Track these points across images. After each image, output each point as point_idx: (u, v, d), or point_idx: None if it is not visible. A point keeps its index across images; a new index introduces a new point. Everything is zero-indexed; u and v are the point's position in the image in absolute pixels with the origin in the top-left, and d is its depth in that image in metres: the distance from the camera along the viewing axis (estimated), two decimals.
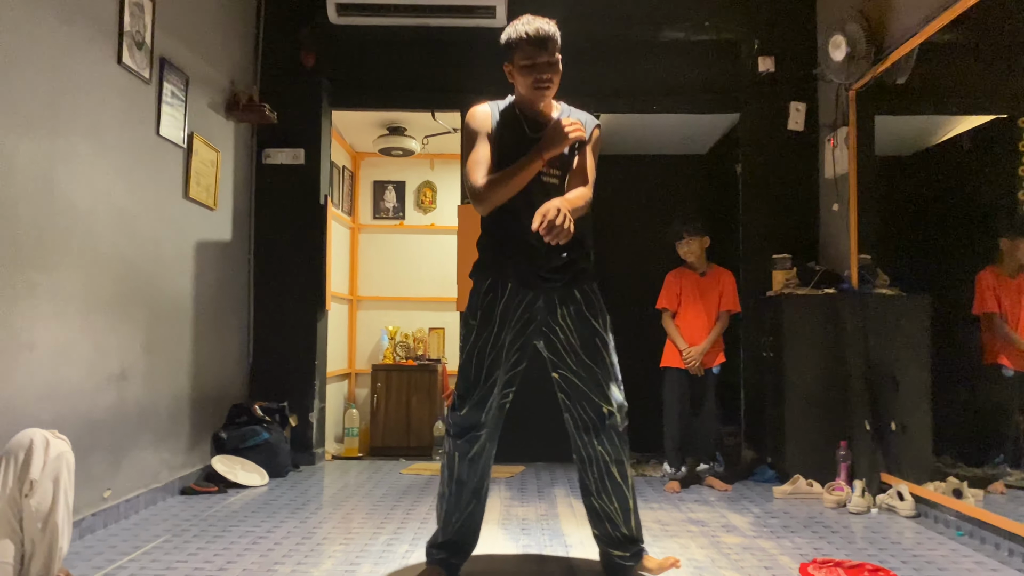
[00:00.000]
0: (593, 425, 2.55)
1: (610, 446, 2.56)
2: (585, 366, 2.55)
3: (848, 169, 4.41)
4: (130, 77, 3.51)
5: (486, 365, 2.53)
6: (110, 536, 3.14)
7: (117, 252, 3.42)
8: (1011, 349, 3.47)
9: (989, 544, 3.05)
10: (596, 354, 2.56)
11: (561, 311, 2.57)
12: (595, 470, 2.58)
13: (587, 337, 2.56)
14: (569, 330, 2.57)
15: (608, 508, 2.59)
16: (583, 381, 2.56)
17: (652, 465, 4.87)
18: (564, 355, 2.58)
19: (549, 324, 2.59)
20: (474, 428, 2.55)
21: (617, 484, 2.58)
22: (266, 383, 4.88)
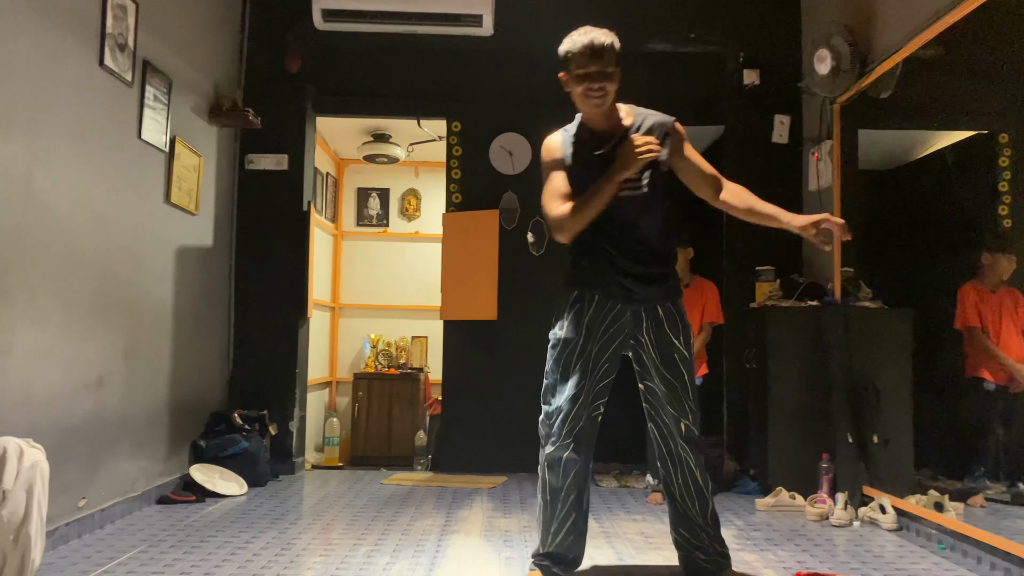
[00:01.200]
0: (679, 434, 2.63)
1: (693, 455, 2.65)
2: (665, 381, 2.61)
3: (832, 182, 4.44)
4: (112, 80, 3.47)
5: (573, 375, 2.55)
6: (84, 546, 3.08)
7: (96, 257, 3.37)
8: (992, 363, 3.49)
9: (971, 558, 3.06)
10: (675, 370, 2.61)
11: (646, 324, 2.62)
12: (679, 476, 2.66)
13: (667, 354, 2.61)
14: (651, 344, 2.62)
15: (691, 511, 2.66)
16: (664, 396, 2.63)
17: (635, 476, 4.85)
18: (647, 368, 2.64)
19: (636, 337, 2.64)
20: (564, 437, 2.55)
21: (700, 488, 2.66)
22: (246, 391, 4.82)
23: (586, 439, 2.60)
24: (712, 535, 2.69)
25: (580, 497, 2.62)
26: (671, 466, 2.67)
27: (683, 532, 2.71)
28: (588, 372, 2.56)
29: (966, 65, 3.68)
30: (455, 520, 3.67)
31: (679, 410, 2.61)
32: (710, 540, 2.68)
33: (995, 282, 3.52)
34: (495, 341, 5.07)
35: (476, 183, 5.16)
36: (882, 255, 4.28)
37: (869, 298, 4.17)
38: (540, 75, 5.16)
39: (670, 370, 2.61)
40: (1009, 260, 3.48)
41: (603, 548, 3.20)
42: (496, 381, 5.04)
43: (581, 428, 2.56)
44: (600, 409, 2.65)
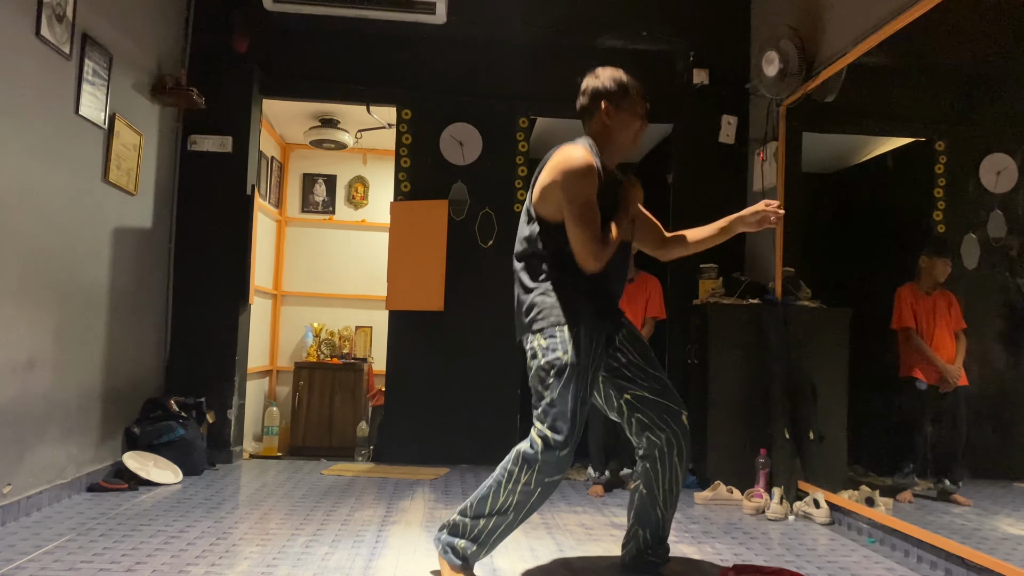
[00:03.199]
0: (676, 439, 2.63)
1: (685, 456, 2.66)
2: (654, 378, 2.65)
3: (776, 183, 4.52)
4: (48, 51, 3.34)
5: (581, 404, 2.50)
6: (9, 535, 2.97)
7: (28, 234, 3.24)
8: (925, 363, 3.61)
9: (899, 551, 3.15)
10: (657, 366, 2.68)
11: (618, 338, 2.66)
12: (666, 480, 2.67)
13: (645, 353, 2.68)
14: (629, 351, 2.66)
15: (667, 514, 2.71)
16: (658, 394, 2.63)
17: (576, 469, 4.88)
18: (631, 375, 2.64)
19: (610, 353, 2.65)
20: (563, 471, 2.51)
21: (679, 492, 2.72)
22: (183, 377, 4.70)
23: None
24: (665, 535, 2.76)
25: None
26: (663, 469, 2.65)
27: (647, 533, 2.73)
28: (588, 399, 2.54)
29: (907, 73, 3.79)
30: (396, 511, 3.64)
31: (677, 403, 2.65)
32: (662, 540, 2.75)
33: (931, 285, 3.64)
34: (441, 332, 5.04)
35: (425, 172, 5.12)
36: (822, 256, 4.38)
37: (809, 297, 4.27)
38: (493, 66, 5.16)
39: (654, 365, 2.67)
40: (945, 264, 3.61)
41: (544, 539, 3.21)
42: (441, 373, 5.01)
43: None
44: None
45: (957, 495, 3.41)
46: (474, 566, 2.60)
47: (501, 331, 4.89)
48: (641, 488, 2.72)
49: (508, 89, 5.15)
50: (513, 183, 5.12)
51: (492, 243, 5.04)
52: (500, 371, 5.00)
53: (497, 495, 2.52)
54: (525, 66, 5.10)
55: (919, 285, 3.67)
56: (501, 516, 2.53)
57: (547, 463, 2.45)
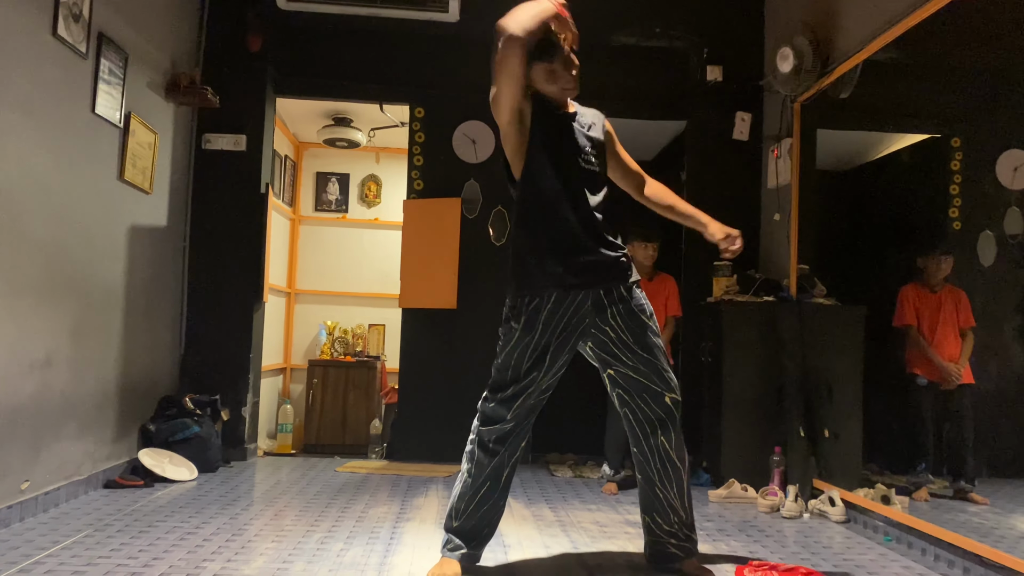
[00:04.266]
0: (657, 418, 2.61)
1: (673, 435, 2.63)
2: (642, 359, 2.59)
3: (790, 180, 4.50)
4: (65, 50, 3.36)
5: (524, 367, 2.56)
6: (27, 530, 3.00)
7: (45, 233, 3.27)
8: (924, 360, 3.62)
9: (916, 549, 3.13)
10: (651, 346, 2.61)
11: (611, 310, 2.59)
12: (656, 460, 2.64)
13: (639, 332, 2.60)
14: (620, 327, 2.59)
15: (669, 494, 2.66)
16: (642, 375, 2.60)
17: (590, 466, 4.88)
18: (618, 352, 2.61)
19: (598, 324, 2.60)
20: (501, 420, 2.59)
21: (678, 469, 2.66)
22: (198, 375, 4.73)
23: (523, 424, 2.63)
24: (684, 520, 2.70)
25: (501, 473, 2.63)
26: (649, 450, 2.64)
27: (657, 518, 2.70)
28: (542, 366, 2.56)
29: (922, 69, 3.76)
30: (410, 508, 3.65)
31: (663, 385, 2.60)
32: (681, 525, 2.70)
33: (937, 282, 3.63)
34: (454, 330, 5.05)
35: (438, 171, 5.12)
36: (837, 253, 4.36)
37: (823, 295, 4.25)
38: None
39: (645, 347, 2.59)
40: (945, 260, 3.61)
41: (558, 537, 3.21)
42: (454, 370, 5.01)
43: (518, 413, 2.59)
44: (544, 399, 2.66)
45: (974, 494, 3.39)
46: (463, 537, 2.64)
47: None
48: (637, 475, 2.73)
49: None
50: None
51: (505, 241, 5.04)
52: None
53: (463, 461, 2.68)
54: None
55: (924, 283, 3.66)
56: (461, 480, 2.65)
57: (480, 413, 2.63)
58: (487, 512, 2.65)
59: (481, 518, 2.65)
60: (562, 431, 5.24)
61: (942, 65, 3.64)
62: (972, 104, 3.54)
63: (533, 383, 2.58)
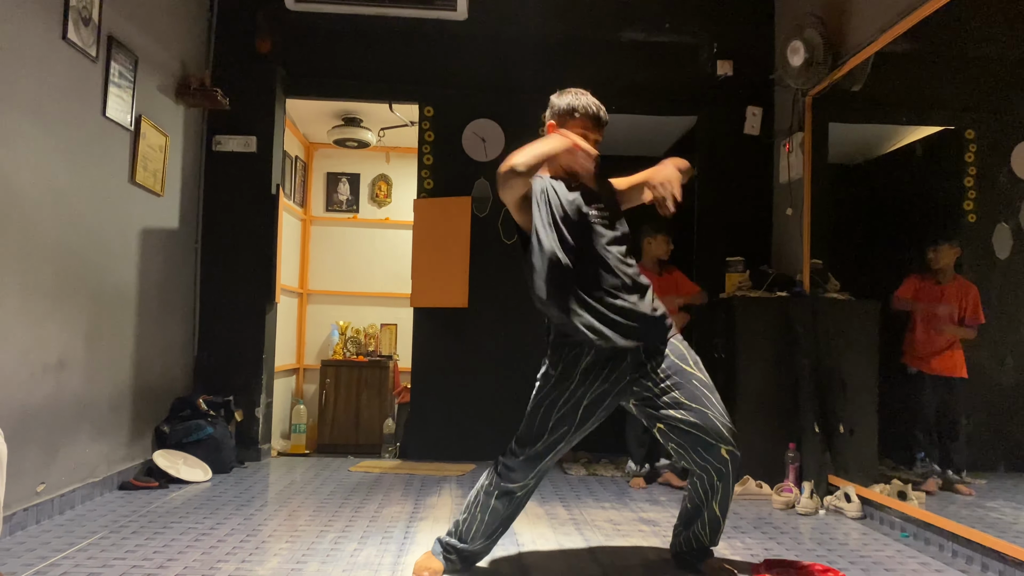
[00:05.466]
0: (714, 469, 2.51)
1: (724, 488, 2.56)
2: (690, 409, 2.49)
3: (802, 174, 4.47)
4: (75, 54, 3.37)
5: (553, 418, 2.52)
6: (43, 532, 3.01)
7: (58, 236, 3.28)
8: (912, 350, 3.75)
9: (933, 545, 3.10)
10: (698, 396, 2.50)
11: (650, 364, 2.54)
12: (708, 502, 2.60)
13: (682, 381, 2.52)
14: (662, 379, 2.53)
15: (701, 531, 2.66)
16: (691, 426, 2.48)
17: (603, 464, 4.87)
18: (662, 406, 2.52)
19: (639, 381, 2.55)
20: (522, 480, 2.56)
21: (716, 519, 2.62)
22: (211, 376, 4.74)
23: (542, 478, 2.63)
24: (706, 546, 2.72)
25: (513, 516, 2.66)
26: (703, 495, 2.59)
27: (681, 533, 2.75)
28: (574, 420, 2.52)
29: (935, 61, 3.73)
30: (423, 507, 3.65)
31: (715, 434, 2.46)
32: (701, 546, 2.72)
33: (945, 275, 3.64)
34: (465, 329, 5.04)
35: (448, 169, 5.11)
36: (850, 248, 4.32)
37: (837, 290, 4.21)
38: (515, 61, 5.15)
39: (693, 399, 2.49)
40: (944, 249, 3.66)
41: (572, 535, 3.20)
42: (466, 369, 5.01)
43: (542, 469, 2.58)
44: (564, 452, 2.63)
45: (960, 485, 3.40)
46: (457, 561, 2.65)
47: (525, 327, 4.89)
48: (687, 502, 2.70)
49: (530, 84, 5.12)
50: None
51: (515, 239, 5.02)
52: (525, 366, 4.97)
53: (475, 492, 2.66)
54: (547, 60, 5.07)
55: (932, 275, 3.68)
56: (473, 512, 2.62)
57: (504, 465, 2.58)
58: (494, 542, 2.69)
59: (487, 548, 2.69)
60: None
61: (955, 56, 3.60)
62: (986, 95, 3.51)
63: (563, 439, 2.52)
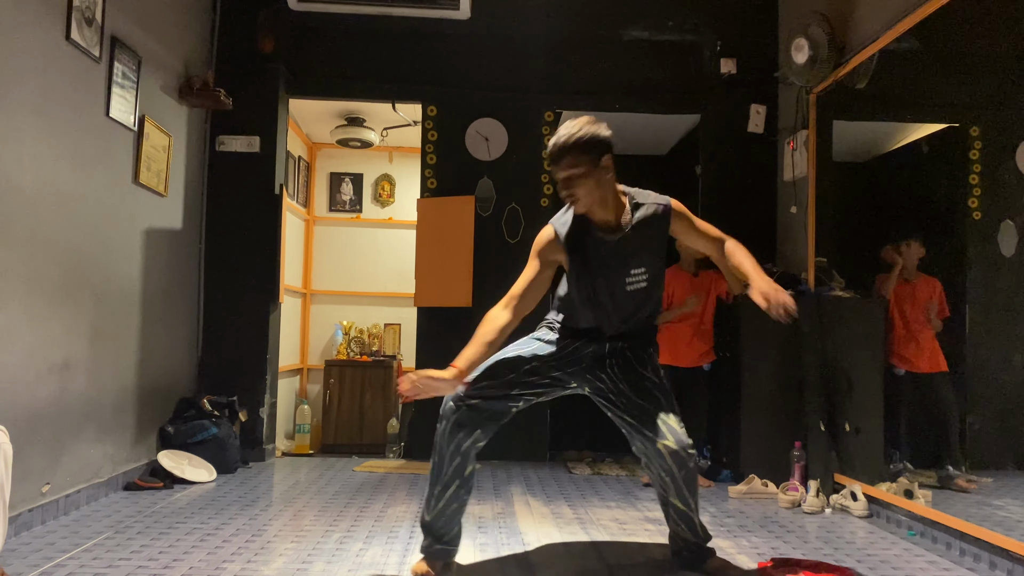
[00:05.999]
0: (658, 459, 2.55)
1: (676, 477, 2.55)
2: (636, 404, 2.59)
3: (807, 172, 4.45)
4: (79, 55, 3.37)
5: (517, 366, 2.65)
6: (48, 533, 3.01)
7: (62, 236, 3.28)
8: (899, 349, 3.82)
9: (940, 544, 3.09)
10: (647, 395, 2.60)
11: (609, 361, 2.67)
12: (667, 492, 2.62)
13: (635, 382, 2.63)
14: (616, 378, 2.65)
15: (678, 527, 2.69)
16: (636, 419, 2.58)
17: (608, 464, 4.86)
18: (614, 399, 2.65)
19: (595, 372, 2.69)
20: (469, 399, 2.60)
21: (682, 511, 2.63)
22: (216, 377, 4.74)
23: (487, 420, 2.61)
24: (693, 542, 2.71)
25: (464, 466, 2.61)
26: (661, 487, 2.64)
27: (671, 534, 2.77)
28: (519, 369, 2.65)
29: (940, 58, 3.72)
30: None
31: (653, 430, 2.53)
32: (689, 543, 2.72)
33: (911, 272, 3.73)
34: (470, 328, 4.91)
35: (451, 169, 5.11)
36: (855, 245, 4.31)
37: (842, 288, 4.20)
38: (517, 60, 5.14)
39: (642, 395, 2.60)
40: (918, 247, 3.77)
41: (577, 534, 3.19)
42: None
43: (487, 404, 2.60)
44: (511, 412, 2.66)
45: (960, 479, 3.39)
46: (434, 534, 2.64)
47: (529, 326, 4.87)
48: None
49: (533, 83, 5.12)
50: (539, 178, 5.10)
51: (519, 239, 5.02)
52: None
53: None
54: (550, 59, 5.07)
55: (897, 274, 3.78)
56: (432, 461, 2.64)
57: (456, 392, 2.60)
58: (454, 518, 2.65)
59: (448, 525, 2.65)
60: (579, 429, 5.23)
61: (960, 53, 3.59)
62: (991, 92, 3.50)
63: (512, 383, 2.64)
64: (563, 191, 2.52)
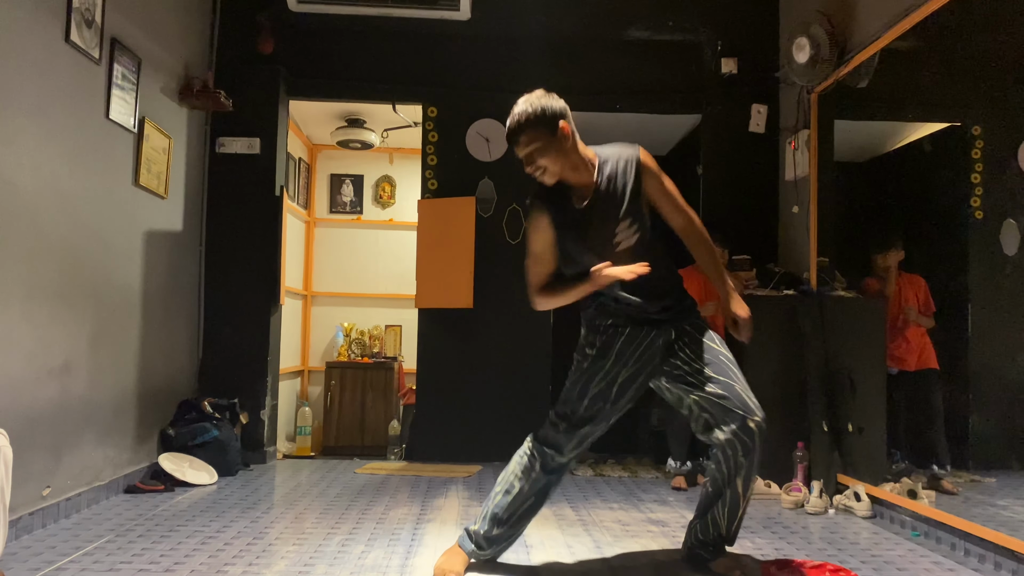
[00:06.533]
0: (740, 441, 2.52)
1: (749, 462, 2.56)
2: (718, 383, 2.55)
3: (808, 172, 4.44)
4: (78, 56, 3.36)
5: (591, 393, 2.59)
6: (49, 536, 3.00)
7: (62, 239, 3.27)
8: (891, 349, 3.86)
9: (945, 544, 3.08)
10: (726, 370, 2.57)
11: (678, 344, 2.61)
12: (732, 481, 2.59)
13: (711, 358, 2.58)
14: (690, 358, 2.59)
15: (718, 513, 2.65)
16: (720, 398, 2.54)
17: (610, 465, 4.84)
18: (693, 380, 2.58)
19: (669, 360, 2.62)
20: (559, 451, 2.61)
21: (737, 496, 2.61)
22: (216, 379, 4.73)
23: (576, 457, 2.68)
24: (724, 536, 2.69)
25: (548, 490, 2.68)
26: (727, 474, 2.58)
27: (698, 524, 2.74)
28: (609, 398, 2.58)
29: (941, 57, 3.71)
30: (431, 509, 3.63)
31: (744, 407, 2.51)
32: (717, 538, 2.70)
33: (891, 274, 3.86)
34: (471, 329, 5.03)
35: (452, 170, 5.10)
36: (857, 245, 4.30)
37: (844, 287, 4.19)
38: (518, 60, 5.13)
39: (720, 371, 2.56)
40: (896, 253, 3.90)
41: (581, 536, 3.18)
42: (471, 370, 4.99)
43: (587, 443, 2.63)
44: (600, 433, 2.66)
45: (945, 481, 3.39)
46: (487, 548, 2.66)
47: (531, 327, 4.88)
48: (708, 486, 2.69)
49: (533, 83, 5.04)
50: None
51: (520, 239, 5.01)
52: (531, 367, 4.97)
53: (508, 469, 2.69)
54: (550, 60, 5.06)
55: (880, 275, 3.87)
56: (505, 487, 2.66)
57: (548, 442, 2.62)
58: (524, 526, 2.70)
59: (518, 531, 2.69)
60: None
61: (961, 52, 3.58)
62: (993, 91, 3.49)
63: (599, 414, 2.59)
64: (528, 167, 2.52)
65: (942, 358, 3.75)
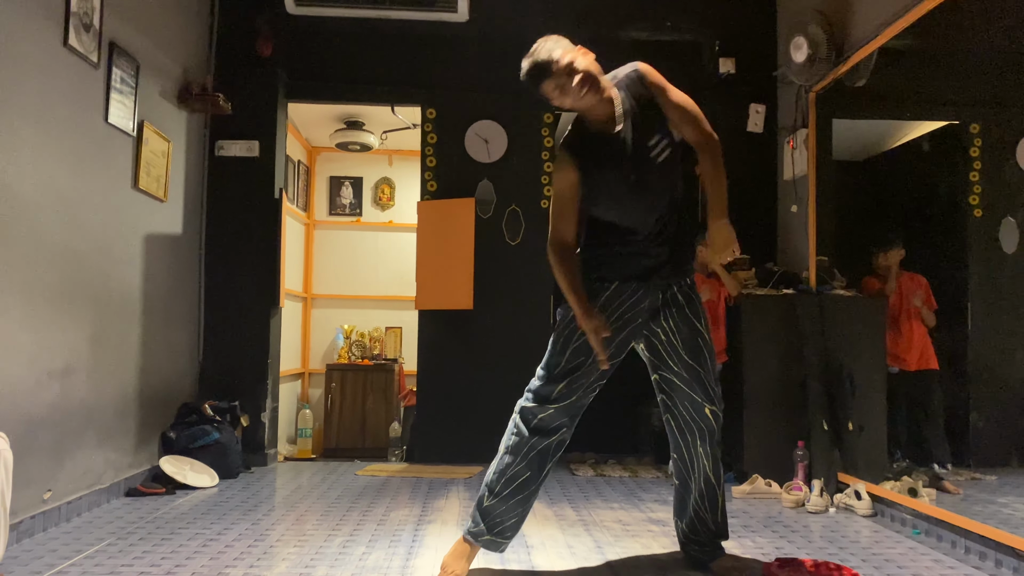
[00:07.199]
0: (697, 427, 2.59)
1: (711, 449, 2.60)
2: (687, 366, 2.58)
3: (807, 171, 4.45)
4: (77, 60, 3.37)
5: (570, 348, 2.55)
6: (50, 539, 3.00)
7: (62, 242, 3.27)
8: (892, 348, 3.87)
9: (946, 542, 3.08)
10: (698, 355, 2.59)
11: (664, 313, 2.60)
12: (696, 470, 2.63)
13: (689, 338, 2.59)
14: (672, 331, 2.59)
15: (701, 507, 2.67)
16: (685, 382, 2.59)
17: (611, 465, 4.85)
18: (665, 356, 2.61)
19: (651, 327, 2.62)
20: (545, 401, 2.56)
21: (712, 485, 2.65)
22: (217, 382, 4.73)
23: (569, 418, 2.59)
24: (713, 530, 2.70)
25: (543, 461, 2.59)
26: (688, 459, 2.64)
27: (684, 526, 2.74)
28: (591, 353, 2.52)
29: (939, 55, 3.71)
30: (431, 510, 3.63)
31: (704, 396, 2.58)
32: (709, 535, 2.71)
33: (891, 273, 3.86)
34: (471, 331, 5.03)
35: (451, 171, 5.10)
36: (856, 244, 4.30)
37: (843, 286, 4.19)
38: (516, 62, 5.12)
39: (693, 355, 2.58)
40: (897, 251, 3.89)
41: (581, 536, 3.18)
42: (472, 371, 5.00)
43: (571, 403, 2.56)
44: (595, 390, 2.62)
45: (947, 482, 3.39)
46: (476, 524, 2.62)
47: (531, 327, 4.88)
48: (675, 480, 2.74)
49: None
50: (539, 179, 5.09)
51: (519, 240, 5.02)
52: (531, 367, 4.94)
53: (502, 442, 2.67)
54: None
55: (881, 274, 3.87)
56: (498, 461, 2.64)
57: (529, 391, 2.61)
58: (519, 507, 2.62)
59: (512, 511, 2.61)
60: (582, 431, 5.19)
61: (959, 50, 3.59)
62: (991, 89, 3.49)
63: (580, 369, 2.54)
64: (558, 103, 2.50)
65: (941, 355, 3.75)
